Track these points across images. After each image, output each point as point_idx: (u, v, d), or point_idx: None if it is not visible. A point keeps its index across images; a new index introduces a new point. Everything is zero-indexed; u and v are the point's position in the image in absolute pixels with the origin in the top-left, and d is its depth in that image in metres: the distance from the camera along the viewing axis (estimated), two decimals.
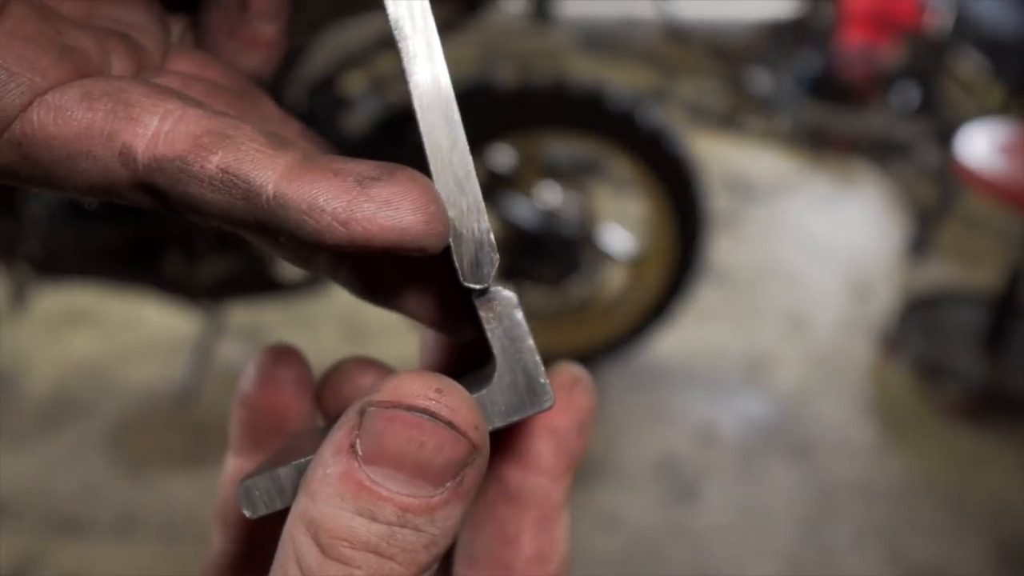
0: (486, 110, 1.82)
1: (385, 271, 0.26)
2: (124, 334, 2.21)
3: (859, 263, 2.71)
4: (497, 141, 1.88)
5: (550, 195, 2.00)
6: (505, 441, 0.26)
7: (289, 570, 0.19)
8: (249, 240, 0.23)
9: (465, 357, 0.28)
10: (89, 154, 0.20)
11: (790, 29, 3.83)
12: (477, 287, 0.23)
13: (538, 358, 0.23)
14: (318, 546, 0.19)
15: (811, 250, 2.76)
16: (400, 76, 0.23)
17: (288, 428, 0.27)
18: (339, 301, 2.23)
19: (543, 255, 1.96)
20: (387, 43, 1.75)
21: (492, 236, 0.23)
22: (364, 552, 0.19)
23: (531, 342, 0.23)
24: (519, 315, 0.23)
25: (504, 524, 0.25)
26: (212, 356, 2.00)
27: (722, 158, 3.23)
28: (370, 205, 0.19)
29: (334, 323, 2.25)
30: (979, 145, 2.13)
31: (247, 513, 0.23)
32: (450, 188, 0.22)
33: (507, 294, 0.23)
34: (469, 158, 0.23)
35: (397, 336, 2.09)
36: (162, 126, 0.20)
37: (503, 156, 1.96)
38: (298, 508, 0.20)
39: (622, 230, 2.12)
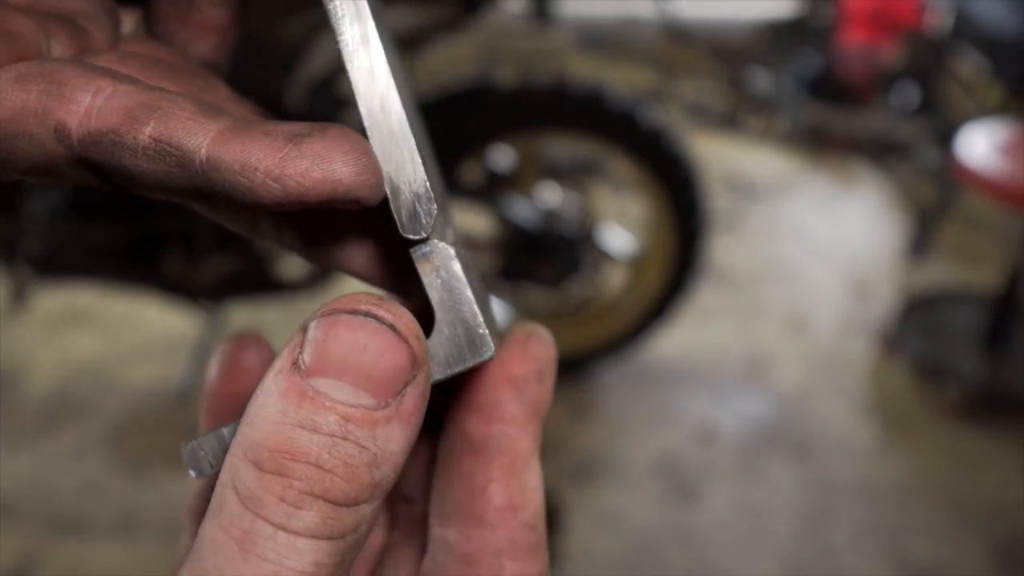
0: (486, 110, 1.82)
1: (329, 232, 0.26)
2: (124, 334, 2.21)
3: (859, 263, 2.71)
4: (497, 141, 1.88)
5: (550, 195, 2.00)
6: (466, 397, 0.26)
7: (225, 499, 0.19)
8: (195, 209, 0.23)
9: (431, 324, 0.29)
10: (26, 134, 0.20)
11: (790, 29, 3.83)
12: (415, 238, 0.23)
13: (476, 308, 0.23)
14: (255, 464, 0.19)
15: (811, 250, 2.76)
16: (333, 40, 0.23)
17: None
18: None
19: (543, 255, 1.96)
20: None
21: (429, 186, 0.23)
22: (304, 464, 0.19)
23: (469, 294, 0.23)
24: (456, 267, 0.23)
25: (472, 477, 0.25)
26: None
27: (722, 158, 3.23)
28: (302, 160, 0.20)
29: None
30: (979, 145, 2.13)
31: (193, 474, 0.23)
32: (384, 142, 0.23)
33: (443, 246, 0.23)
34: (402, 111, 0.23)
35: None
36: (95, 102, 0.20)
37: (503, 156, 1.96)
38: (237, 440, 0.19)
39: (622, 230, 2.12)
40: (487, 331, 0.23)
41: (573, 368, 2.12)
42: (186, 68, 0.26)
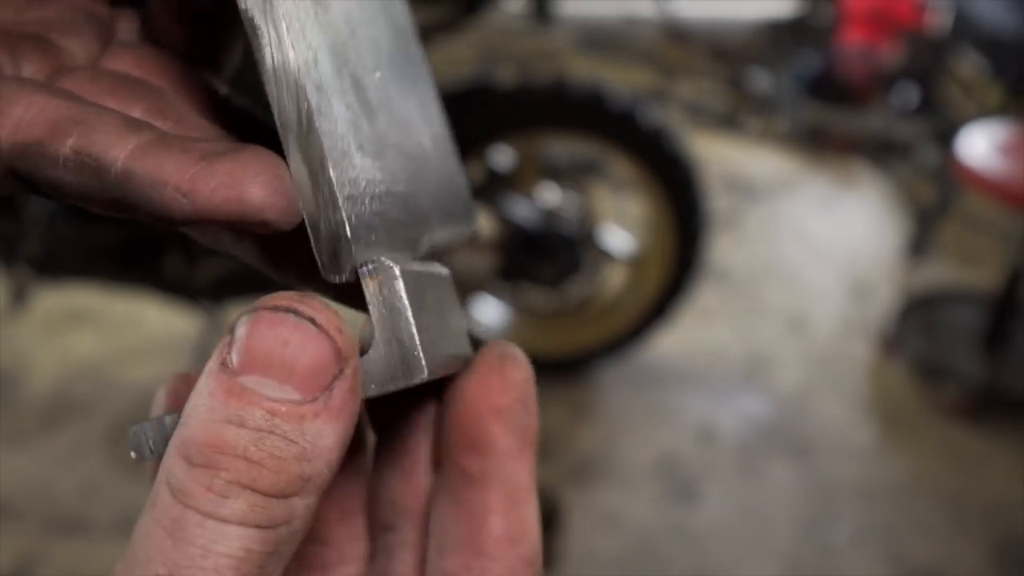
0: (486, 110, 1.82)
1: (288, 247, 0.26)
2: (124, 334, 2.21)
3: (859, 263, 2.71)
4: (497, 141, 1.88)
5: (550, 195, 2.01)
6: (455, 431, 0.26)
7: (159, 494, 0.20)
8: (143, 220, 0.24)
9: None
10: None
11: (790, 29, 3.83)
12: (336, 279, 0.22)
13: (414, 330, 0.22)
14: (186, 460, 0.19)
15: (811, 250, 2.76)
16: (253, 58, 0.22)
17: None
18: None
19: (544, 255, 1.96)
20: None
21: (348, 228, 0.22)
22: (231, 456, 0.19)
23: (409, 315, 0.23)
24: (399, 286, 0.23)
25: (471, 508, 0.25)
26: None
27: (722, 158, 3.23)
28: (212, 179, 0.20)
29: None
30: (979, 145, 2.13)
31: (133, 455, 0.23)
32: (303, 177, 0.22)
33: (388, 264, 0.23)
34: (323, 143, 0.22)
35: None
36: (25, 115, 0.21)
37: (503, 156, 1.96)
38: (172, 441, 0.20)
39: (622, 230, 2.12)
40: (422, 353, 0.22)
41: (573, 368, 2.12)
42: (159, 84, 0.26)
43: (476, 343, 0.27)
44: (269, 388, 0.19)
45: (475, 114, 1.81)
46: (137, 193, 0.20)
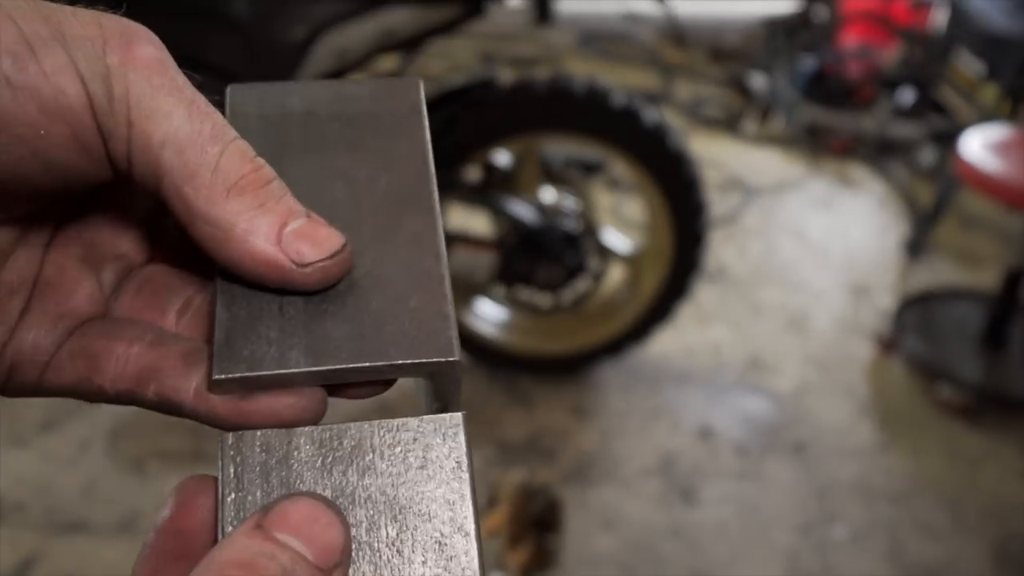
0: (486, 111, 1.82)
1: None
2: None
3: (857, 263, 2.71)
4: (497, 142, 1.88)
5: (550, 196, 2.01)
6: None
7: None
8: None
9: None
10: (81, 392, 0.30)
11: (789, 29, 3.84)
12: None
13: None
14: (219, 574, 0.24)
15: (810, 250, 2.77)
16: None
17: (195, 555, 0.29)
18: None
19: (546, 254, 1.95)
20: (387, 43, 1.75)
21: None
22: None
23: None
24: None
25: None
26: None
27: (721, 158, 3.24)
28: (253, 413, 0.28)
29: None
30: (979, 144, 2.14)
31: None
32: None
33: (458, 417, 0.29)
34: None
35: None
36: (116, 368, 0.30)
37: (502, 159, 1.96)
38: (202, 563, 0.24)
39: (621, 231, 2.12)
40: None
41: (573, 368, 2.12)
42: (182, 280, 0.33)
43: None
44: (295, 543, 0.25)
45: (475, 115, 1.81)
46: (201, 418, 0.29)
